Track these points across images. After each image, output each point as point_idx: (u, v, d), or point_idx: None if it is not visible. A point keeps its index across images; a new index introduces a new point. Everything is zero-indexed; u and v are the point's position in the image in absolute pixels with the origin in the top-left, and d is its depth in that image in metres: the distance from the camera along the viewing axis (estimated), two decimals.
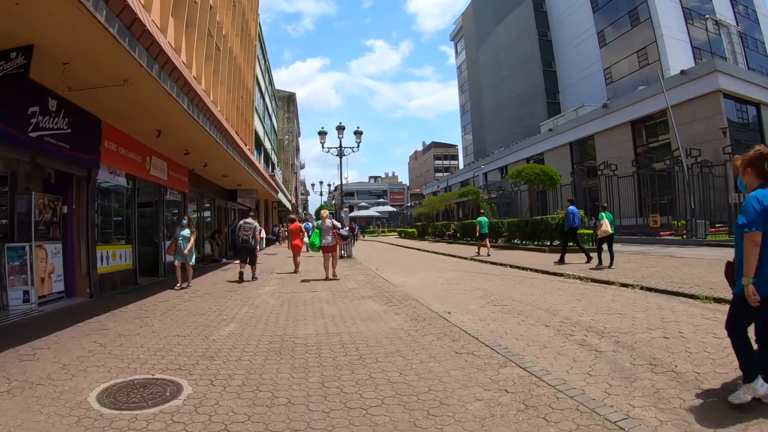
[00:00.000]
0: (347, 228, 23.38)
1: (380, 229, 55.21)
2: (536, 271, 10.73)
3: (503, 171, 47.94)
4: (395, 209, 71.45)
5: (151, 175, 10.74)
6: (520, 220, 18.36)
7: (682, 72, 26.39)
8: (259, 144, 30.67)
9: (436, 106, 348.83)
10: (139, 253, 10.55)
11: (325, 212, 10.42)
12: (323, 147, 17.52)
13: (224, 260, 15.78)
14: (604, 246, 10.29)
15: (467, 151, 72.53)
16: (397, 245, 28.83)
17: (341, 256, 15.81)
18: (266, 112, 35.05)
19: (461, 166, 75.54)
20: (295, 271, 11.52)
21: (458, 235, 25.14)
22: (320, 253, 10.27)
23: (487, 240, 16.06)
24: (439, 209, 32.58)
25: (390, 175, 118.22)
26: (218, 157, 11.99)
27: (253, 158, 16.06)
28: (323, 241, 9.91)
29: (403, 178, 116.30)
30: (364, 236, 44.96)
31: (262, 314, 6.19)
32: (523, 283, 8.96)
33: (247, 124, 23.61)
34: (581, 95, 43.22)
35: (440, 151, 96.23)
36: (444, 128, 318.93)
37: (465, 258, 15.50)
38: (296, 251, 12.09)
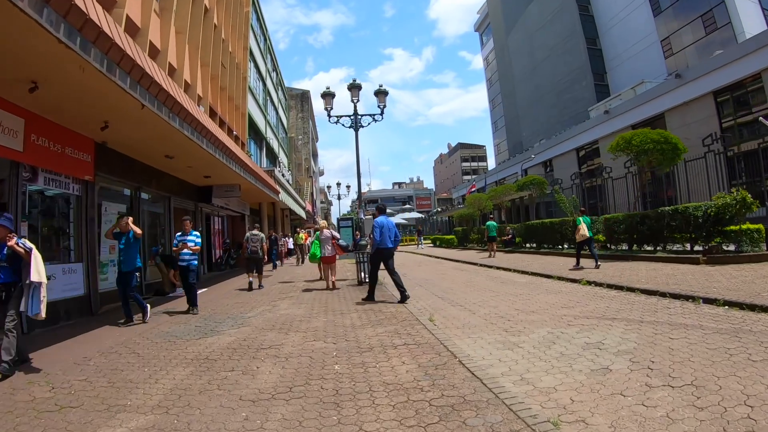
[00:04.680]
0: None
1: (421, 238, 38.54)
2: None
3: (547, 165, 41.61)
4: (423, 215, 65.50)
5: None
6: (627, 215, 12.11)
7: None
8: (259, 137, 25.34)
9: (456, 111, 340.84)
10: None
11: (323, 223, 10.71)
12: (330, 116, 11.82)
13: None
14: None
15: (500, 149, 65.96)
16: (439, 258, 21.15)
17: (359, 282, 10.06)
18: (269, 102, 29.67)
19: (491, 167, 69.08)
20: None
21: (517, 240, 18.95)
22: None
23: (494, 244, 17.12)
24: (487, 208, 25.82)
25: (415, 180, 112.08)
26: (120, 109, 6.25)
27: (221, 133, 10.44)
28: (323, 252, 9.84)
29: (429, 184, 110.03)
30: None
31: None
32: None
33: (235, 105, 18.22)
34: (635, 73, 36.80)
35: (467, 152, 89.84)
36: (466, 133, 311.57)
37: (572, 280, 9.06)
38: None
